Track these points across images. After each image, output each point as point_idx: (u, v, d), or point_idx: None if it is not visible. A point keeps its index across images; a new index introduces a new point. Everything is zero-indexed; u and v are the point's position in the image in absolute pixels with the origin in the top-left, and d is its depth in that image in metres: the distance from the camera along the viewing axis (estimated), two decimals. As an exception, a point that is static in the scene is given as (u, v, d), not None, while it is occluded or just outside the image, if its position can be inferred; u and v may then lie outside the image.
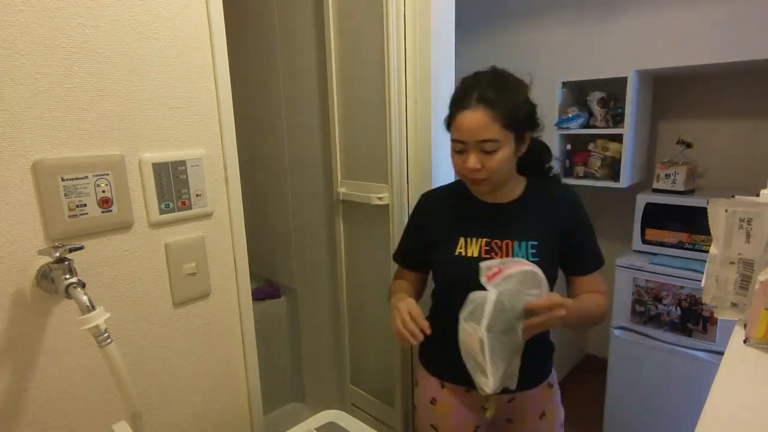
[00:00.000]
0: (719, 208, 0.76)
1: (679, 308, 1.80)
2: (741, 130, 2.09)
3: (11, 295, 0.75)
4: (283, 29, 1.86)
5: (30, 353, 0.78)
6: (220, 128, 0.96)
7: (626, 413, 1.98)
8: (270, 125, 2.02)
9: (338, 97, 1.61)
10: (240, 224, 1.02)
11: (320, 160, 1.81)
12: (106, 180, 0.81)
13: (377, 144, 1.48)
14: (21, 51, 0.72)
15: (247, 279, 1.06)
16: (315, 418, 1.08)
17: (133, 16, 0.82)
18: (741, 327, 0.74)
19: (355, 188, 1.59)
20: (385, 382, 1.67)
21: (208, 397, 1.04)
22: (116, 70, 0.81)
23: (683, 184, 1.95)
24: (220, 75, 0.94)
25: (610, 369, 2.00)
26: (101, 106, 0.80)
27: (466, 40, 2.51)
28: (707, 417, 0.56)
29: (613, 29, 2.06)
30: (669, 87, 2.24)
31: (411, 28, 1.35)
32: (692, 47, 1.85)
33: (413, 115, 1.40)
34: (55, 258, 0.73)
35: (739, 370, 0.66)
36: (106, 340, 0.71)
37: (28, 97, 0.73)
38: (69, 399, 0.83)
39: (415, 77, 1.37)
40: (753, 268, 0.74)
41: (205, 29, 0.92)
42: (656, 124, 2.30)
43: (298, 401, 2.21)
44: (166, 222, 0.91)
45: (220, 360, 1.05)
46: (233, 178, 1.00)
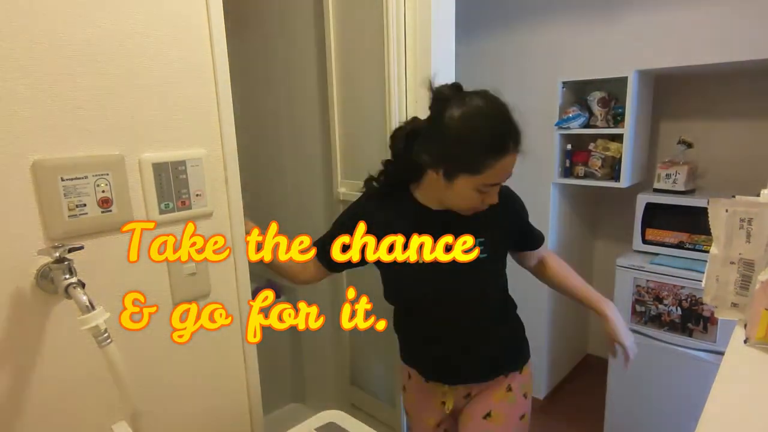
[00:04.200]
0: (720, 208, 0.76)
1: (679, 308, 1.80)
2: (741, 130, 2.09)
3: (11, 295, 0.75)
4: (283, 29, 1.86)
5: (30, 353, 0.78)
6: (220, 128, 0.96)
7: (626, 413, 1.98)
8: (270, 125, 2.02)
9: (338, 97, 1.61)
10: (240, 224, 1.02)
11: (320, 160, 1.81)
12: (106, 180, 0.81)
13: (377, 144, 1.48)
14: (21, 51, 0.72)
15: (247, 279, 1.06)
16: (315, 418, 1.07)
17: (133, 16, 0.82)
18: (741, 327, 0.74)
19: (355, 188, 1.59)
20: (385, 382, 1.67)
21: (208, 397, 1.04)
22: (116, 70, 0.81)
23: (684, 184, 1.95)
24: (220, 75, 0.94)
25: (611, 369, 2.00)
26: (101, 106, 0.80)
27: (466, 40, 2.51)
28: (707, 417, 0.56)
29: (614, 29, 2.06)
30: (669, 87, 2.24)
31: (411, 28, 1.35)
32: (692, 47, 1.85)
33: (413, 115, 1.40)
34: (54, 258, 0.73)
35: (740, 370, 0.66)
36: (106, 340, 0.71)
37: (28, 97, 0.73)
38: (69, 399, 0.83)
39: (415, 77, 1.37)
40: (753, 268, 0.74)
41: (205, 29, 0.92)
42: (657, 124, 2.30)
43: (298, 401, 2.21)
44: (166, 222, 0.91)
45: (220, 360, 1.04)
46: (233, 178, 1.00)
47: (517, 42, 2.37)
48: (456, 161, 0.94)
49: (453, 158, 0.95)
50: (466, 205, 1.01)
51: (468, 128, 0.93)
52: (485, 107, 0.94)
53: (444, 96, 0.97)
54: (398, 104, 1.39)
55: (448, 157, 0.95)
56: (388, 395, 1.67)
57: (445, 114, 0.93)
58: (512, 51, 2.39)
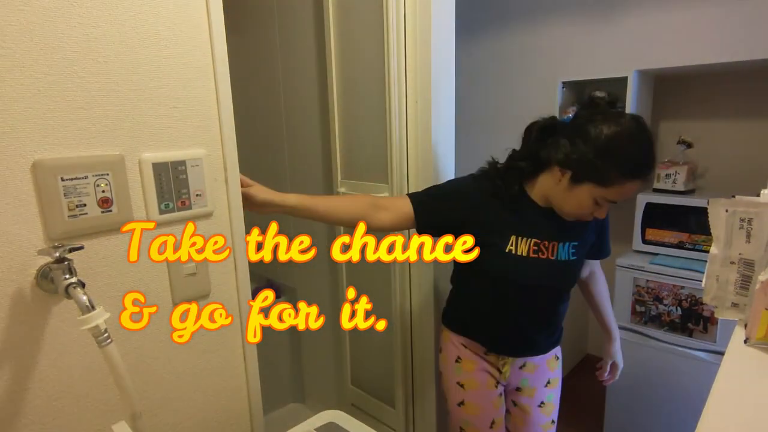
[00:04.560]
0: (720, 208, 0.76)
1: (679, 308, 1.80)
2: (741, 130, 2.09)
3: (11, 295, 0.75)
4: (283, 29, 1.86)
5: (30, 353, 0.78)
6: (220, 128, 0.96)
7: (626, 413, 1.98)
8: (270, 125, 2.02)
9: (338, 97, 1.61)
10: (240, 224, 1.02)
11: (320, 160, 1.81)
12: (106, 180, 0.81)
13: (377, 144, 1.48)
14: (21, 51, 0.72)
15: (247, 279, 1.06)
16: (315, 418, 1.07)
17: (133, 16, 0.82)
18: (741, 327, 0.74)
19: (355, 188, 1.59)
20: (385, 382, 1.67)
21: (208, 397, 1.04)
22: (116, 70, 0.81)
23: (683, 184, 1.95)
24: (220, 75, 0.94)
25: (611, 369, 2.00)
26: (101, 106, 0.80)
27: (466, 41, 2.51)
28: (707, 417, 0.56)
29: (614, 29, 2.06)
30: (669, 87, 2.24)
31: (411, 28, 1.35)
32: (692, 47, 1.85)
33: (413, 115, 1.40)
34: (54, 258, 0.73)
35: (740, 370, 0.66)
36: (106, 340, 0.71)
37: (28, 97, 0.73)
38: (69, 399, 0.83)
39: (415, 77, 1.37)
40: (753, 268, 0.74)
41: (205, 29, 0.92)
42: (656, 124, 2.30)
43: (298, 401, 2.21)
44: (166, 222, 0.91)
45: (220, 360, 1.04)
46: (233, 178, 1.00)
47: (518, 42, 2.37)
48: (590, 169, 0.99)
49: (588, 166, 0.99)
50: (577, 211, 1.06)
51: (615, 146, 0.98)
52: (637, 133, 0.99)
53: (598, 105, 1.07)
54: (398, 104, 1.39)
55: (583, 164, 1.00)
56: (388, 395, 1.67)
57: (597, 124, 0.99)
58: (512, 51, 2.40)
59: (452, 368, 1.28)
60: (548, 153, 1.06)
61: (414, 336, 1.56)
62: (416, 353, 1.57)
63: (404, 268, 1.51)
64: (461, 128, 1.62)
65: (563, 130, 1.06)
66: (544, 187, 1.10)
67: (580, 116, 1.05)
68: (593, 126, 0.99)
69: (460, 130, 1.53)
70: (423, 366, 1.56)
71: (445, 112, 1.41)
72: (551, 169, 1.07)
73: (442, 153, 1.42)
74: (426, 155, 1.41)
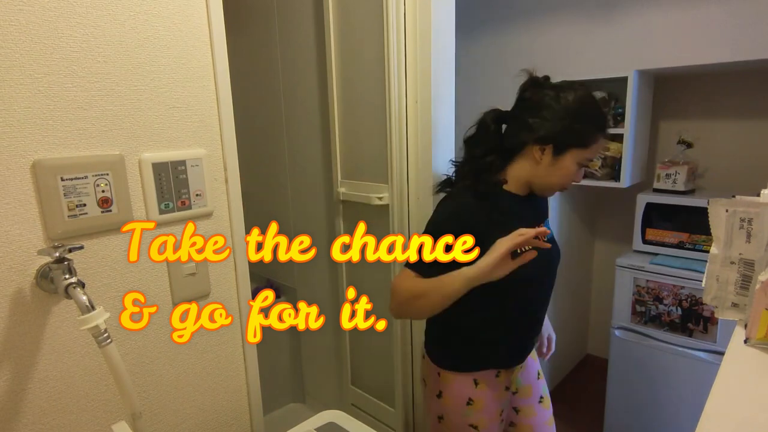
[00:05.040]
0: (720, 208, 0.76)
1: (679, 308, 1.80)
2: (741, 130, 2.09)
3: (11, 295, 0.75)
4: (283, 29, 1.86)
5: (30, 353, 0.78)
6: (219, 128, 0.96)
7: (626, 413, 1.98)
8: (270, 125, 2.02)
9: (338, 97, 1.61)
10: (240, 224, 1.02)
11: (320, 160, 1.81)
12: (106, 180, 0.81)
13: (377, 144, 1.48)
14: (21, 51, 0.72)
15: (247, 279, 1.06)
16: (315, 418, 1.08)
17: (132, 16, 0.82)
18: (741, 327, 0.74)
19: (355, 188, 1.59)
20: (385, 382, 1.67)
21: (208, 397, 1.04)
22: (116, 70, 0.81)
23: (684, 184, 1.94)
24: (220, 75, 0.94)
25: (611, 369, 2.00)
26: (101, 106, 0.80)
27: (466, 40, 2.51)
28: (707, 417, 0.56)
29: (614, 29, 2.06)
30: (669, 87, 2.24)
31: (411, 27, 1.35)
32: (693, 47, 1.85)
33: (413, 115, 1.40)
34: (54, 258, 0.73)
35: (740, 370, 0.66)
36: (105, 340, 0.71)
37: (28, 97, 0.73)
38: (69, 399, 0.83)
39: (415, 77, 1.37)
40: (753, 268, 0.74)
41: (205, 29, 0.92)
42: (657, 124, 2.30)
43: (298, 401, 2.21)
44: (166, 222, 0.91)
45: (220, 360, 1.04)
46: (233, 178, 1.00)
47: (517, 42, 2.37)
48: (571, 135, 1.04)
49: (569, 132, 1.04)
50: (564, 181, 1.08)
51: (586, 108, 1.05)
52: (590, 93, 1.08)
53: (541, 83, 1.09)
54: (398, 104, 1.39)
55: (565, 132, 1.04)
56: (388, 395, 1.67)
57: (558, 94, 1.05)
58: (512, 51, 2.39)
59: (461, 412, 1.16)
60: (516, 138, 1.08)
61: (414, 336, 1.56)
62: (416, 353, 1.57)
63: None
64: (461, 128, 1.62)
65: (520, 113, 1.09)
66: (523, 172, 1.09)
67: (531, 96, 1.08)
68: (553, 98, 1.04)
69: (460, 130, 1.53)
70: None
71: (445, 112, 1.41)
72: (525, 152, 1.08)
73: (442, 153, 1.42)
74: (426, 155, 1.41)
